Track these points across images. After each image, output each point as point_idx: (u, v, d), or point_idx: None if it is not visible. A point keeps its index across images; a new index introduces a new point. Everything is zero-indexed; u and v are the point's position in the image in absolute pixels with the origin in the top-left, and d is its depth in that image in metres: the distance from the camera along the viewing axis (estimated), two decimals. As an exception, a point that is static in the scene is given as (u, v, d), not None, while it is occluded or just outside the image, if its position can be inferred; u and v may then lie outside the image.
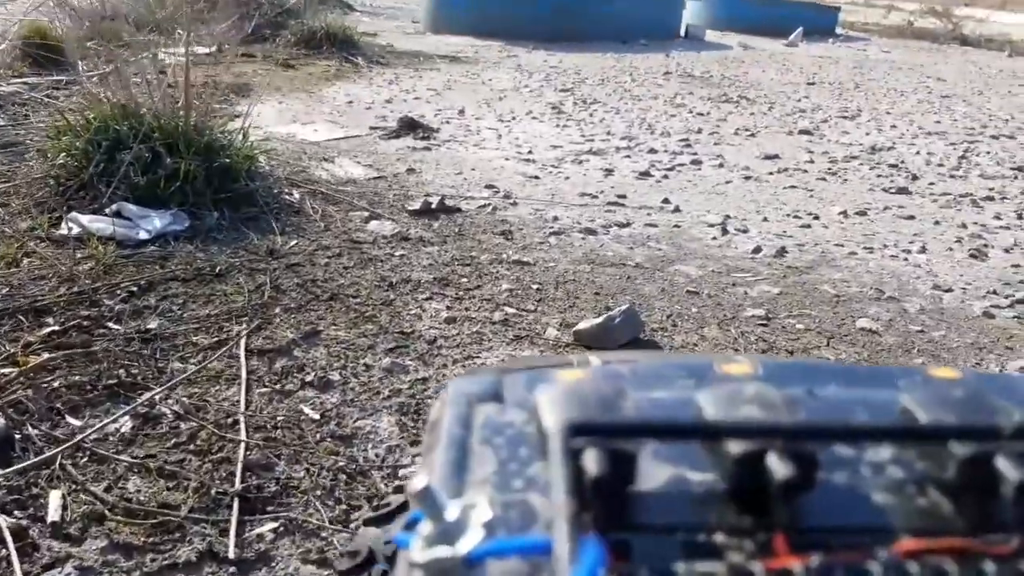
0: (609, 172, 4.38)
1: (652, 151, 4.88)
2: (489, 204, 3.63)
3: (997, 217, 4.00)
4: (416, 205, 3.45)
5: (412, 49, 8.71)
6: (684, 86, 7.49)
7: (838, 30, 16.14)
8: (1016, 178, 4.82)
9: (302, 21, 8.15)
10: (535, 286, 2.78)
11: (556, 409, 0.42)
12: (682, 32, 12.72)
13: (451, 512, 0.39)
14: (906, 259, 3.35)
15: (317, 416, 1.91)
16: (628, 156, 4.75)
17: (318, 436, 1.84)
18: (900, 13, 19.69)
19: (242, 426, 1.84)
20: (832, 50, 12.41)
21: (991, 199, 4.32)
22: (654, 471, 0.44)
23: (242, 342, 2.22)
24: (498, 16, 10.49)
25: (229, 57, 7.04)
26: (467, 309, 2.56)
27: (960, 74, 10.10)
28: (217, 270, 2.68)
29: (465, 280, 2.78)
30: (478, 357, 2.27)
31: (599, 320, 2.39)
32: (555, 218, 3.53)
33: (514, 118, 5.63)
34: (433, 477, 0.45)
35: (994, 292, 3.04)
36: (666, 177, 4.36)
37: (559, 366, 0.59)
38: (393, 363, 2.18)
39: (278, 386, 2.03)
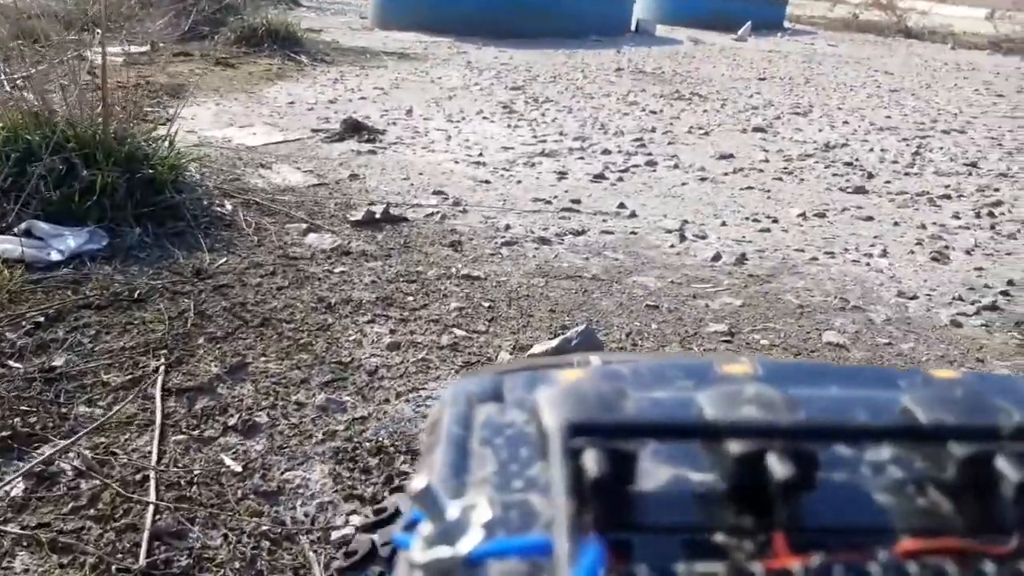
0: (563, 175, 4.20)
1: (606, 152, 4.72)
2: (437, 212, 3.43)
3: (956, 216, 3.92)
4: (359, 215, 3.23)
5: (359, 46, 8.43)
6: (636, 83, 7.35)
7: (786, 24, 16.22)
8: (970, 174, 4.76)
9: (242, 17, 7.81)
10: (486, 304, 2.59)
11: (556, 409, 0.41)
12: (632, 27, 12.62)
13: (451, 512, 0.39)
14: (868, 264, 3.23)
15: (239, 468, 1.69)
16: (582, 158, 4.58)
17: (239, 493, 1.62)
18: (845, 6, 19.89)
19: (152, 484, 1.62)
20: (781, 44, 12.41)
21: (948, 197, 4.24)
22: (654, 471, 0.44)
23: (158, 380, 1.98)
24: (448, 11, 10.24)
25: (164, 56, 6.71)
26: (412, 332, 2.35)
27: (906, 67, 10.16)
28: (136, 294, 2.43)
29: (411, 299, 2.57)
30: (423, 388, 2.06)
31: (555, 343, 2.21)
32: (507, 227, 3.34)
33: (464, 118, 5.42)
34: (433, 477, 0.44)
35: (959, 298, 2.93)
36: (621, 180, 4.19)
37: (559, 366, 0.57)
38: (328, 400, 1.96)
39: (197, 432, 1.81)
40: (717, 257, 3.16)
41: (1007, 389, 0.51)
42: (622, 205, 3.73)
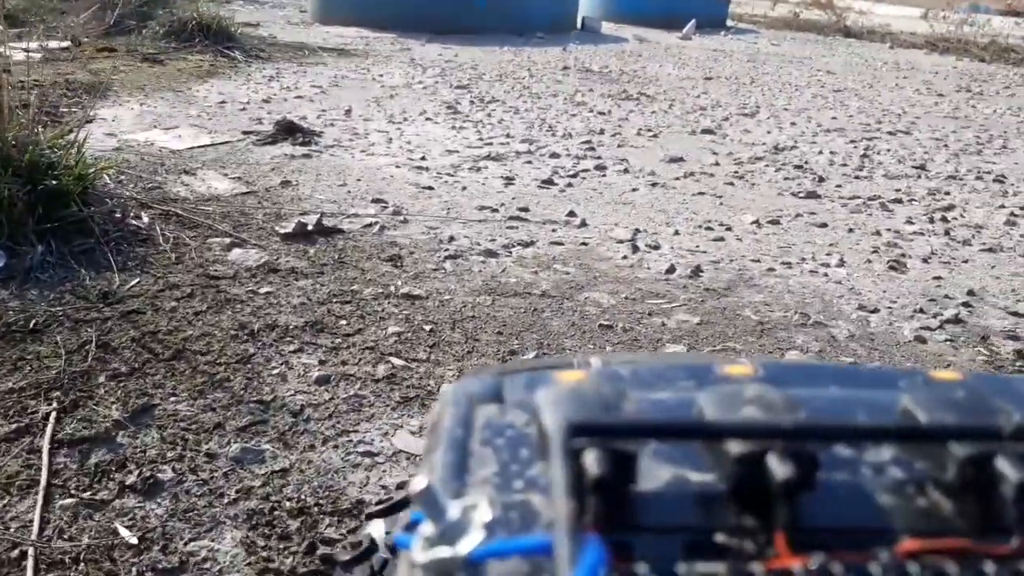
0: (510, 180, 4.00)
1: (554, 155, 4.53)
2: (376, 222, 3.19)
3: (909, 222, 3.83)
4: (289, 227, 2.97)
5: (297, 41, 8.09)
6: (584, 82, 7.18)
7: (729, 22, 16.29)
8: (919, 177, 4.71)
9: (171, 11, 7.41)
10: (428, 327, 2.37)
11: (556, 410, 0.41)
12: (578, 24, 12.48)
13: (452, 513, 0.39)
14: (826, 275, 3.10)
15: (135, 540, 1.45)
16: (529, 161, 4.38)
17: (134, 572, 1.38)
18: (786, 5, 20.12)
19: (29, 564, 1.37)
20: (725, 43, 12.41)
21: (899, 201, 4.16)
22: (655, 471, 0.43)
23: (48, 429, 1.72)
24: (391, 6, 9.94)
25: (87, 52, 6.30)
26: (344, 363, 2.12)
27: (848, 67, 10.21)
28: (32, 324, 2.15)
29: (344, 323, 2.34)
30: (355, 431, 1.84)
31: (501, 375, 2.00)
32: (451, 238, 3.12)
33: (406, 119, 5.17)
34: (433, 478, 0.44)
35: (921, 311, 2.81)
36: (570, 185, 4.01)
37: (559, 367, 0.56)
38: (245, 449, 1.73)
39: (88, 493, 1.56)
40: (671, 270, 3.00)
41: (1007, 390, 0.51)
42: (572, 213, 3.54)
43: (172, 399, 1.88)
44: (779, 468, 0.38)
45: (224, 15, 7.69)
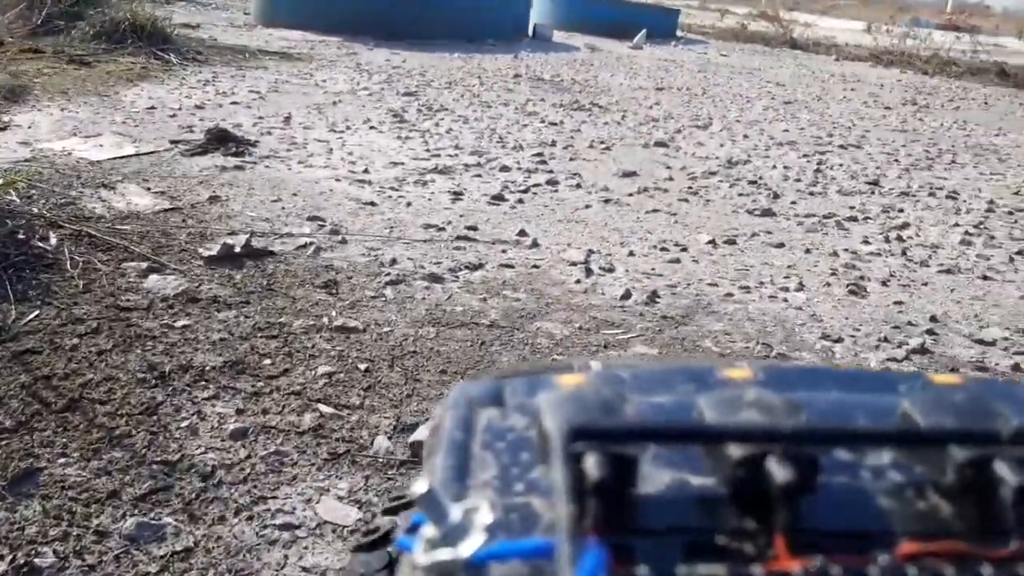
0: (458, 196, 3.79)
1: (505, 168, 4.33)
2: (311, 243, 2.95)
3: (866, 241, 3.73)
4: (215, 249, 2.72)
5: (238, 44, 7.75)
6: (535, 91, 7.01)
7: (678, 33, 16.34)
8: (873, 193, 4.63)
9: (103, 11, 7.02)
10: (363, 365, 2.14)
11: (557, 413, 0.41)
12: (530, 32, 12.33)
13: (453, 515, 0.39)
14: (786, 300, 2.96)
15: (-5, 652, 1.20)
16: (479, 175, 4.17)
17: None
18: (734, 17, 20.32)
19: None
20: (676, 53, 12.39)
21: (855, 219, 4.06)
22: (655, 475, 0.43)
23: (-96, 504, 1.45)
24: (338, 9, 9.64)
25: (10, 53, 5.90)
26: (266, 411, 1.88)
27: (797, 78, 10.25)
28: (-97, 367, 1.87)
29: (268, 362, 2.10)
30: (273, 497, 1.60)
31: (442, 426, 1.78)
32: (393, 261, 2.89)
33: (349, 128, 4.92)
34: (435, 480, 0.44)
35: (885, 340, 2.68)
36: (521, 202, 3.81)
37: (560, 371, 0.55)
38: (142, 524, 1.48)
39: (-56, 589, 1.30)
40: (627, 295, 2.82)
41: (1007, 394, 0.51)
42: (523, 232, 3.35)
43: (61, 461, 1.62)
44: (779, 471, 0.38)
45: (161, 16, 7.32)
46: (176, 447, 1.71)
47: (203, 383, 1.96)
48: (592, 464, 0.38)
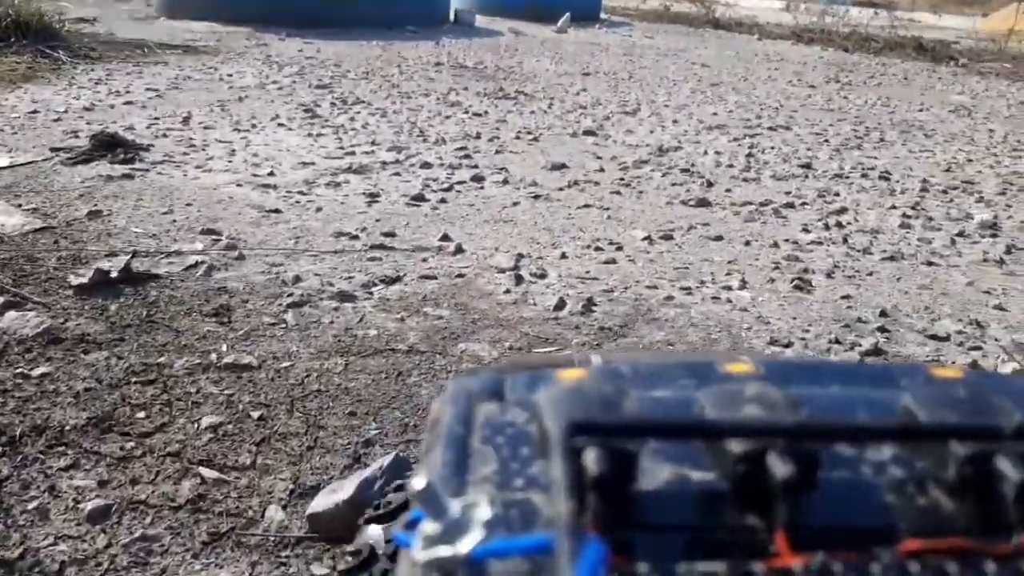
0: (374, 198, 3.47)
1: (426, 165, 4.02)
2: (203, 261, 2.60)
3: (805, 229, 3.56)
4: (86, 276, 2.35)
5: (136, 38, 7.20)
6: (458, 79, 6.69)
7: (602, 15, 16.18)
8: (807, 177, 4.49)
9: (-19, 5, 6.41)
10: (256, 413, 1.83)
11: (557, 408, 0.41)
12: (451, 17, 11.97)
13: (452, 511, 0.39)
14: (729, 300, 2.75)
15: None
16: (397, 173, 3.86)
17: None
18: (656, -1, 20.30)
19: None
20: (600, 36, 12.20)
21: (791, 206, 3.90)
22: (655, 470, 0.43)
23: None
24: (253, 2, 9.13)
25: None
26: (135, 481, 1.56)
27: (721, 59, 10.17)
28: None
29: (142, 415, 1.77)
30: (135, 603, 1.29)
31: (348, 492, 1.49)
32: (297, 278, 2.57)
33: (255, 126, 4.53)
34: (433, 476, 0.43)
35: (837, 341, 2.50)
36: (444, 201, 3.52)
37: (559, 365, 0.56)
38: (-46, 661, 1.16)
39: None
40: (560, 305, 2.56)
41: (1008, 388, 0.50)
42: (446, 236, 3.06)
43: None
44: (780, 467, 0.38)
45: (48, 10, 6.73)
46: (19, 538, 1.38)
47: (60, 448, 1.63)
48: (592, 459, 0.38)
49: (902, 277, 3.08)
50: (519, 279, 2.76)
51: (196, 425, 1.76)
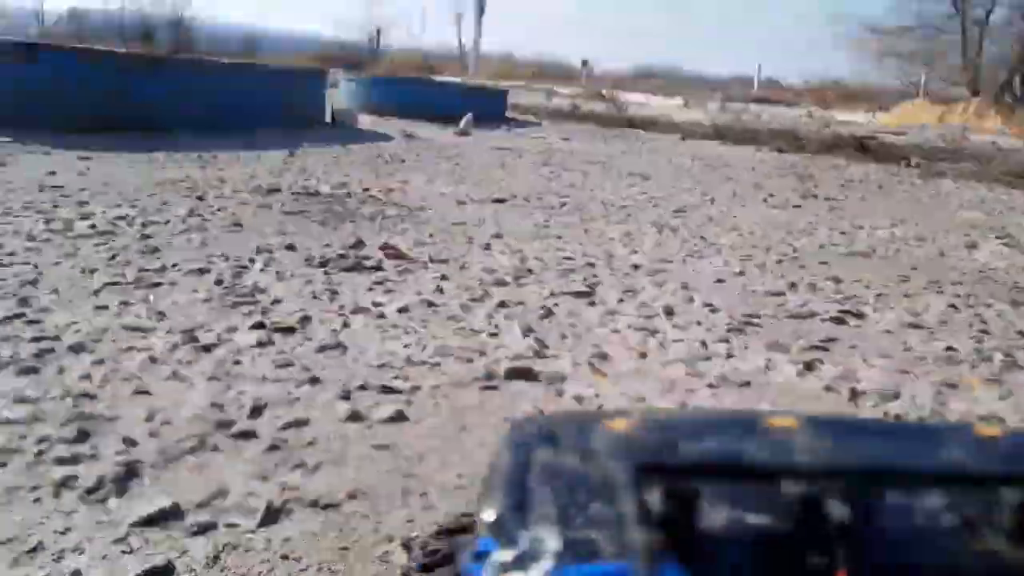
0: None
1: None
2: None
3: None
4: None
5: None
6: (288, 224, 3.77)
7: (508, 114, 13.76)
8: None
9: None
10: None
11: (620, 452, 0.41)
12: (327, 117, 9.15)
13: (523, 541, 0.39)
14: None
15: None
16: None
17: None
18: (560, 97, 18.21)
19: None
20: (510, 139, 9.62)
21: None
22: (712, 513, 0.42)
23: None
24: (11, 94, 6.04)
25: None
26: None
27: (659, 168, 7.67)
28: None
29: None
30: None
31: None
32: None
33: None
34: (501, 511, 0.43)
35: None
36: None
37: (600, 418, 0.54)
38: None
39: None
40: None
41: None
42: None
43: None
44: (838, 510, 0.38)
45: None
46: None
47: None
48: (658, 498, 0.38)
49: None
50: None
51: None
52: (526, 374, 2.11)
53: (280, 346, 2.18)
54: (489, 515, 0.40)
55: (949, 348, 2.64)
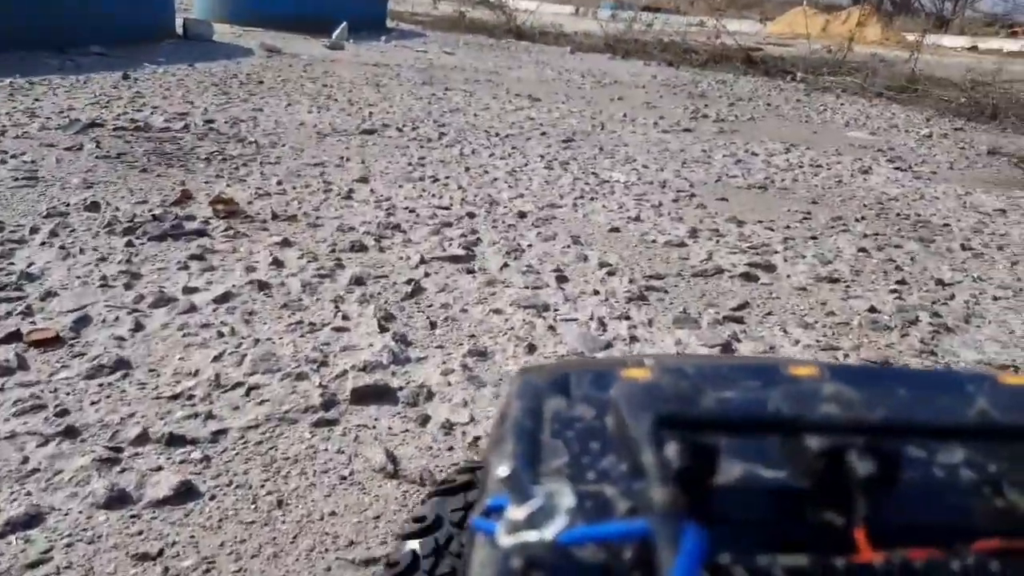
0: None
1: None
2: None
3: None
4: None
5: None
6: (110, 172, 3.02)
7: (388, 23, 12.65)
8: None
9: None
10: None
11: (638, 404, 0.38)
12: (179, 30, 7.96)
13: (536, 498, 0.36)
14: None
15: None
16: None
17: None
18: (450, 3, 17.04)
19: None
20: (388, 52, 8.73)
21: None
22: (728, 467, 0.40)
23: None
24: None
25: None
26: None
27: (547, 85, 7.10)
28: None
29: None
30: None
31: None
32: None
33: None
34: (513, 465, 0.40)
35: None
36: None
37: (617, 365, 0.48)
38: None
39: None
40: None
41: None
42: None
43: None
44: (861, 464, 0.35)
45: None
46: None
47: None
48: (676, 452, 0.35)
49: None
50: None
51: None
52: (380, 394, 1.60)
53: (33, 373, 1.56)
54: (503, 470, 0.36)
55: (872, 309, 2.31)
